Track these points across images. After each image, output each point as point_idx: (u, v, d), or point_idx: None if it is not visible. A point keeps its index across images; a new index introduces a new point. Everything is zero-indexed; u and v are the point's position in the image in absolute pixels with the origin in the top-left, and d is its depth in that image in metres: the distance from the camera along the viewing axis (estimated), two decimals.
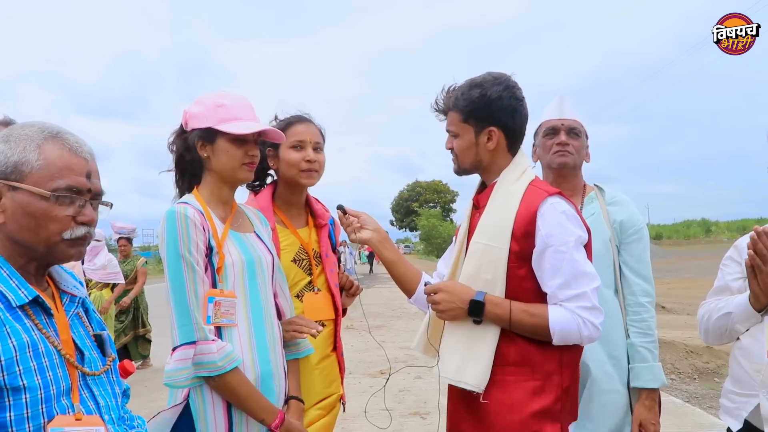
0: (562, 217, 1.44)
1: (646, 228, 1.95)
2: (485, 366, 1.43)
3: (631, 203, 1.98)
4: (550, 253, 1.41)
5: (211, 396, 1.40)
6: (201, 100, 1.52)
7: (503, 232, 1.46)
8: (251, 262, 1.51)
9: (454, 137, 1.59)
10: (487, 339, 1.45)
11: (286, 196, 1.87)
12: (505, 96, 1.52)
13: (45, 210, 1.00)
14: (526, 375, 1.43)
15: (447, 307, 1.49)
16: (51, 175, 1.00)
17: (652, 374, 1.82)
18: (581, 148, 1.97)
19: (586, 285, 1.41)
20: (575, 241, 1.43)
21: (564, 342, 1.42)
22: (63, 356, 1.00)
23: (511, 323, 1.42)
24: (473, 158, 1.57)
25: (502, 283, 1.45)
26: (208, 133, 1.49)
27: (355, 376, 5.72)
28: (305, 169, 1.80)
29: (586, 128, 2.01)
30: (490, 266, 1.46)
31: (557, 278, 1.41)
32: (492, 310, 1.43)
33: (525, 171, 1.56)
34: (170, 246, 1.39)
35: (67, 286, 1.11)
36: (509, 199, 1.49)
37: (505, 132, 1.54)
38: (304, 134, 1.81)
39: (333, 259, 1.92)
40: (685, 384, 5.57)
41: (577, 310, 1.40)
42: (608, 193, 1.99)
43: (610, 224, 1.90)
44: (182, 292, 1.37)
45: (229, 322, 1.43)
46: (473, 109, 1.53)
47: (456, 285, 1.51)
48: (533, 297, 1.45)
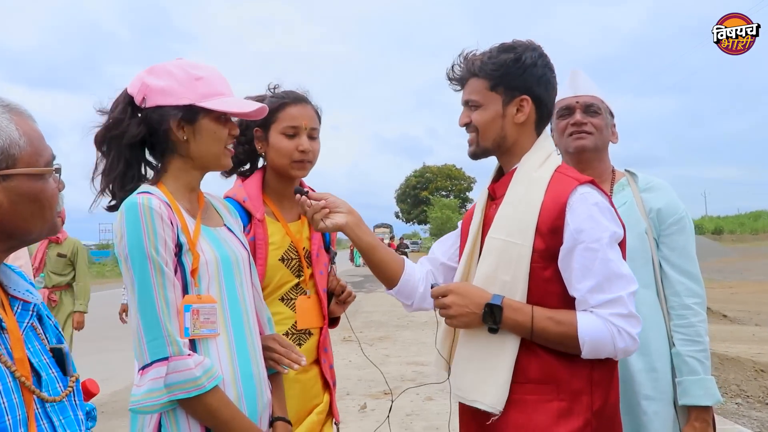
0: (594, 210, 1.46)
1: (688, 217, 1.97)
2: (503, 383, 1.46)
3: (670, 188, 2.00)
4: (580, 252, 1.43)
5: (187, 423, 1.40)
6: (167, 69, 1.51)
7: (526, 226, 1.48)
8: (227, 261, 1.53)
9: (474, 109, 1.61)
10: (504, 351, 1.47)
11: (276, 185, 1.92)
12: (540, 64, 1.56)
13: (43, 189, 1.07)
14: (551, 394, 1.45)
15: (458, 312, 1.51)
16: (37, 151, 1.06)
17: (704, 389, 1.83)
18: (603, 127, 2.00)
19: (622, 288, 1.43)
20: (609, 237, 1.45)
21: (595, 355, 1.44)
22: (18, 379, 0.98)
23: (533, 332, 1.45)
24: (497, 134, 1.59)
25: (524, 286, 1.48)
26: (190, 111, 1.49)
27: (354, 397, 5.78)
28: (297, 160, 1.83)
29: (609, 105, 2.04)
30: (510, 266, 1.48)
31: (588, 280, 1.43)
32: (511, 316, 1.45)
33: (550, 155, 1.59)
34: (133, 245, 1.38)
35: (18, 291, 1.08)
36: (533, 189, 1.52)
37: (536, 104, 1.58)
38: (299, 119, 1.84)
39: (324, 259, 1.96)
40: (755, 410, 5.48)
41: (611, 318, 1.41)
42: (642, 179, 2.02)
43: (646, 214, 1.93)
44: (150, 300, 1.36)
45: (210, 332, 1.44)
46: (504, 74, 1.55)
47: (469, 287, 1.53)
48: (559, 302, 1.48)
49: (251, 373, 1.51)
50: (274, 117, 1.84)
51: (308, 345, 1.87)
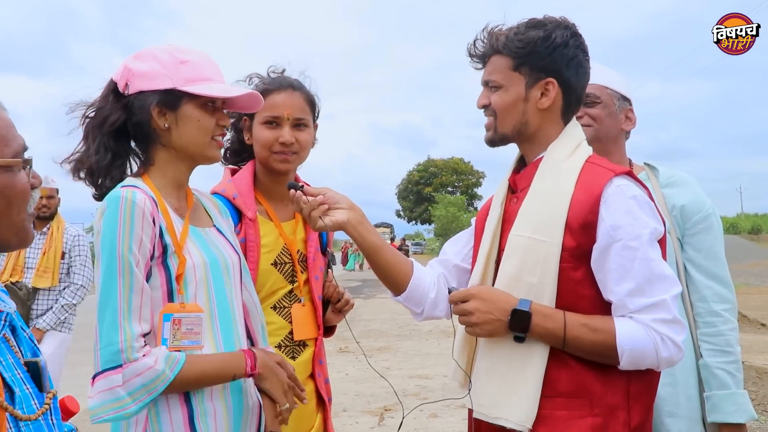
0: (632, 204, 1.45)
1: (716, 214, 1.97)
2: (532, 396, 1.44)
3: (695, 183, 2.01)
4: (617, 250, 1.42)
5: (170, 423, 1.43)
6: (152, 54, 1.53)
7: (554, 222, 1.47)
8: (216, 265, 1.55)
9: (494, 90, 1.60)
10: (532, 361, 1.46)
11: (266, 180, 1.93)
12: (572, 44, 1.55)
13: (11, 183, 1.03)
14: (583, 409, 1.44)
15: (482, 319, 1.49)
16: (4, 139, 1.04)
17: (736, 404, 1.84)
18: (604, 117, 2.00)
19: (665, 291, 1.42)
20: (650, 234, 1.44)
21: (635, 366, 1.43)
22: None
23: (566, 341, 1.43)
24: (518, 119, 1.58)
25: (552, 289, 1.47)
26: (170, 96, 1.50)
27: (351, 414, 5.78)
28: (278, 152, 1.84)
29: (619, 89, 2.03)
30: (537, 266, 1.47)
31: (627, 282, 1.42)
32: (541, 323, 1.44)
33: (580, 144, 1.58)
34: (105, 242, 1.41)
35: None
36: (562, 180, 1.51)
37: (564, 89, 1.57)
38: (280, 108, 1.84)
39: (320, 263, 1.96)
40: None
41: (654, 324, 1.40)
42: (663, 173, 2.02)
43: (669, 211, 1.94)
44: (112, 303, 1.38)
45: (192, 344, 1.45)
46: (531, 53, 1.54)
47: (492, 291, 1.52)
48: (591, 307, 1.47)
49: (240, 389, 1.53)
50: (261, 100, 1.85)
51: (303, 357, 1.88)
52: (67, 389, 6.35)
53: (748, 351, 8.56)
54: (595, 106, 1.99)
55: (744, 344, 2.01)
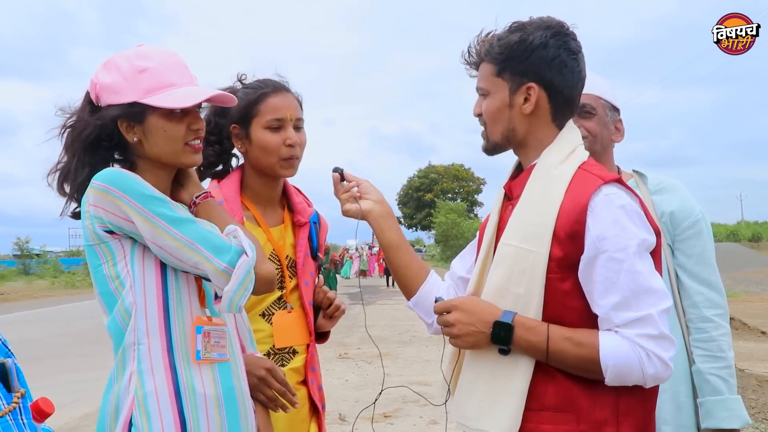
0: (620, 213, 1.40)
1: (706, 219, 1.96)
2: (514, 410, 1.41)
3: (684, 189, 2.00)
4: (602, 262, 1.38)
5: (159, 417, 1.40)
6: (114, 63, 1.49)
7: (542, 231, 1.43)
8: None
9: (484, 97, 1.58)
10: (517, 374, 1.43)
11: (258, 186, 1.90)
12: (552, 44, 1.49)
13: None
14: (570, 423, 1.40)
15: (463, 331, 1.47)
16: None
17: (729, 410, 1.82)
18: (599, 130, 1.98)
19: (652, 306, 1.37)
20: (637, 245, 1.39)
21: (621, 382, 1.39)
22: None
23: (548, 355, 1.40)
24: (504, 126, 1.55)
25: (539, 300, 1.43)
26: (134, 110, 1.46)
27: (351, 420, 5.78)
28: (286, 157, 1.81)
29: (610, 99, 2.02)
30: (523, 277, 1.44)
31: (612, 295, 1.37)
32: (523, 336, 1.41)
33: (575, 150, 1.53)
34: (135, 192, 1.40)
35: None
36: (551, 187, 1.47)
37: (548, 92, 1.52)
38: (284, 110, 1.82)
39: (310, 268, 1.94)
40: None
41: (639, 340, 1.36)
42: (652, 179, 2.01)
43: (658, 218, 1.92)
44: (190, 224, 1.42)
45: (220, 356, 1.49)
46: (509, 57, 1.51)
47: (476, 302, 1.50)
48: (580, 319, 1.43)
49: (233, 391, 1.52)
50: (255, 110, 1.82)
51: (294, 365, 1.86)
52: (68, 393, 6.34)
53: (748, 359, 8.52)
54: (591, 119, 1.97)
55: (744, 352, 2.00)
